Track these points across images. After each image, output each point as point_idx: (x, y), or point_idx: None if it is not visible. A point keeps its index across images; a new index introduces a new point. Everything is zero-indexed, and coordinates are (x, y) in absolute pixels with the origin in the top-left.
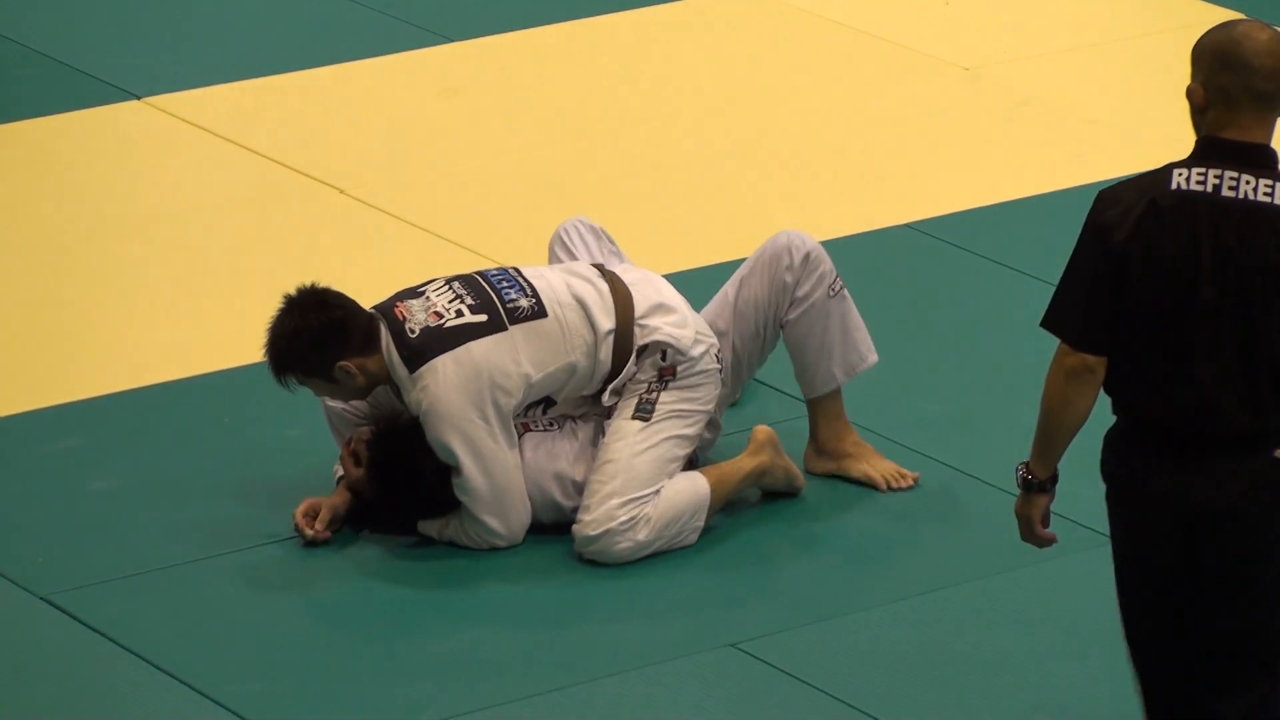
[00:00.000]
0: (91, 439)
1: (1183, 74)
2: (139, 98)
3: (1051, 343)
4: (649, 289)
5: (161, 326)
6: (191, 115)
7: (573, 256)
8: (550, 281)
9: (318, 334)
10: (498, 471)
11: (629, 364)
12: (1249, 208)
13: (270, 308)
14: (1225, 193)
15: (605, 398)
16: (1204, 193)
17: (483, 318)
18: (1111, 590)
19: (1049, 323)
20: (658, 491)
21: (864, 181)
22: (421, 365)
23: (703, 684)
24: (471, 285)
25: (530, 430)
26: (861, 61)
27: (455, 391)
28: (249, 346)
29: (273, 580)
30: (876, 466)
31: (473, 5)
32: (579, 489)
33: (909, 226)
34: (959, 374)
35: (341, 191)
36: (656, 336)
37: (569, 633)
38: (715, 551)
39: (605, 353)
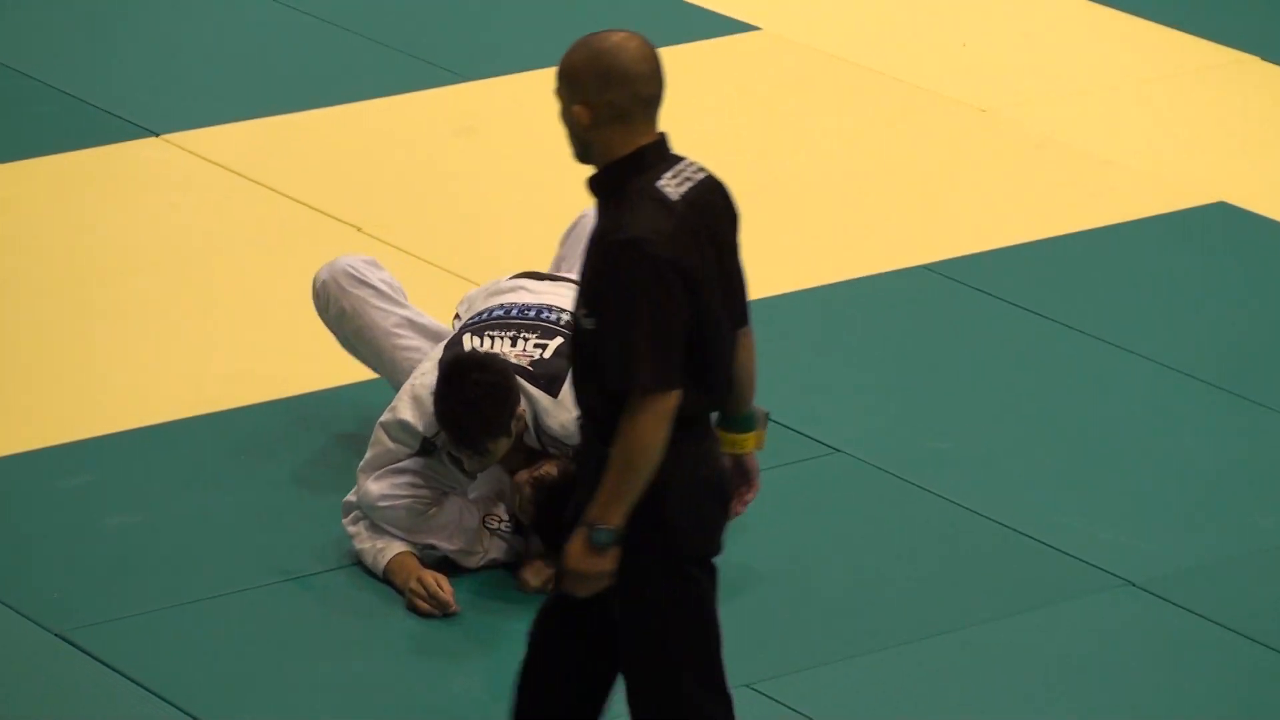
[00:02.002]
0: (107, 475)
1: (1203, 116)
2: (157, 134)
3: (1078, 383)
4: None
5: (177, 362)
6: (209, 152)
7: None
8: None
9: (500, 392)
10: None
11: None
12: (705, 189)
13: (287, 344)
14: (693, 185)
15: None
16: (691, 190)
17: (559, 340)
18: (1128, 631)
19: (657, 385)
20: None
21: (880, 222)
22: (559, 386)
23: None
24: (507, 326)
25: None
26: (878, 102)
27: None
28: (264, 383)
29: (289, 617)
30: None
31: (489, 44)
32: None
33: (925, 268)
34: (974, 414)
35: (359, 229)
36: None
37: None
38: (727, 592)
39: None
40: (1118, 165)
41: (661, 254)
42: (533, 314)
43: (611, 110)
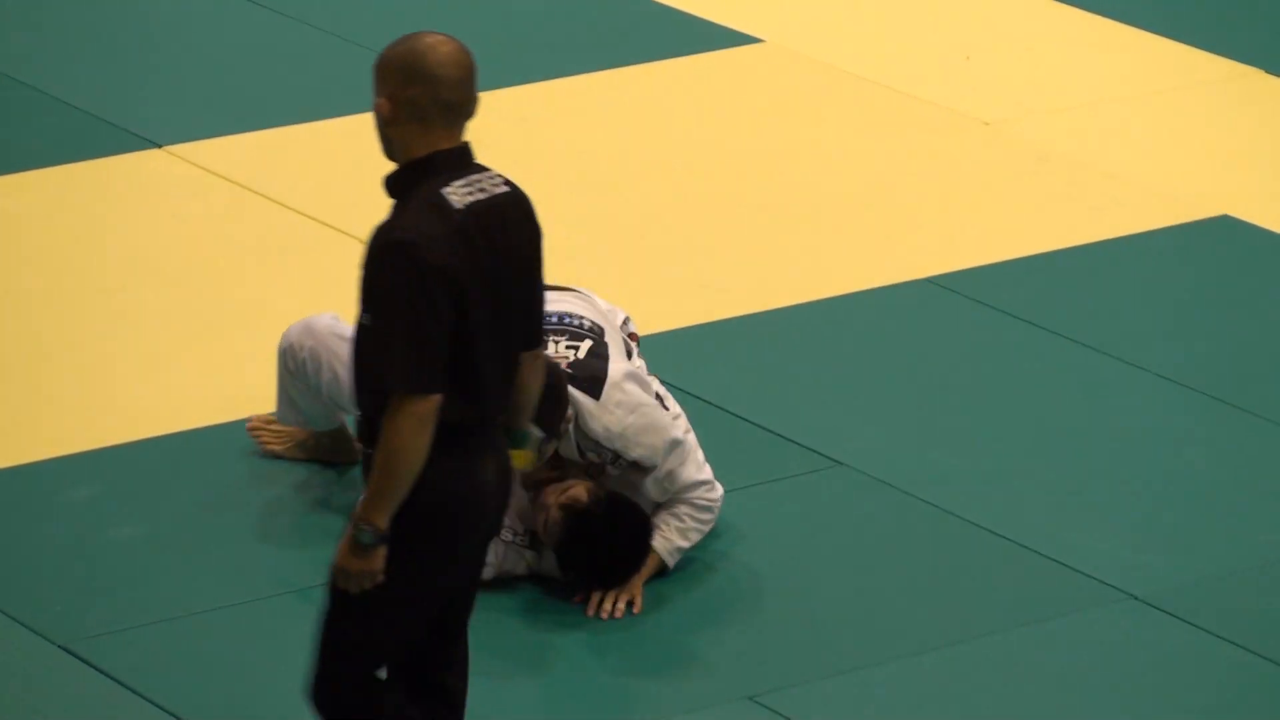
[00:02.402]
0: (110, 487)
1: (1206, 129)
2: (160, 146)
3: (1081, 397)
4: None
5: (182, 375)
6: (213, 164)
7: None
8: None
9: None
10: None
11: None
12: (499, 202)
13: None
14: (486, 196)
15: None
16: (481, 201)
17: (589, 342)
18: (1131, 645)
19: (413, 387)
20: None
21: (883, 236)
22: (600, 387)
23: None
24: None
25: None
26: (881, 116)
27: (640, 396)
28: (269, 396)
29: (291, 629)
30: None
31: (492, 57)
32: None
33: (929, 281)
34: (978, 428)
35: (363, 242)
36: None
37: (585, 684)
38: (731, 605)
39: None
40: (1121, 178)
41: (428, 258)
42: (555, 320)
43: (412, 108)
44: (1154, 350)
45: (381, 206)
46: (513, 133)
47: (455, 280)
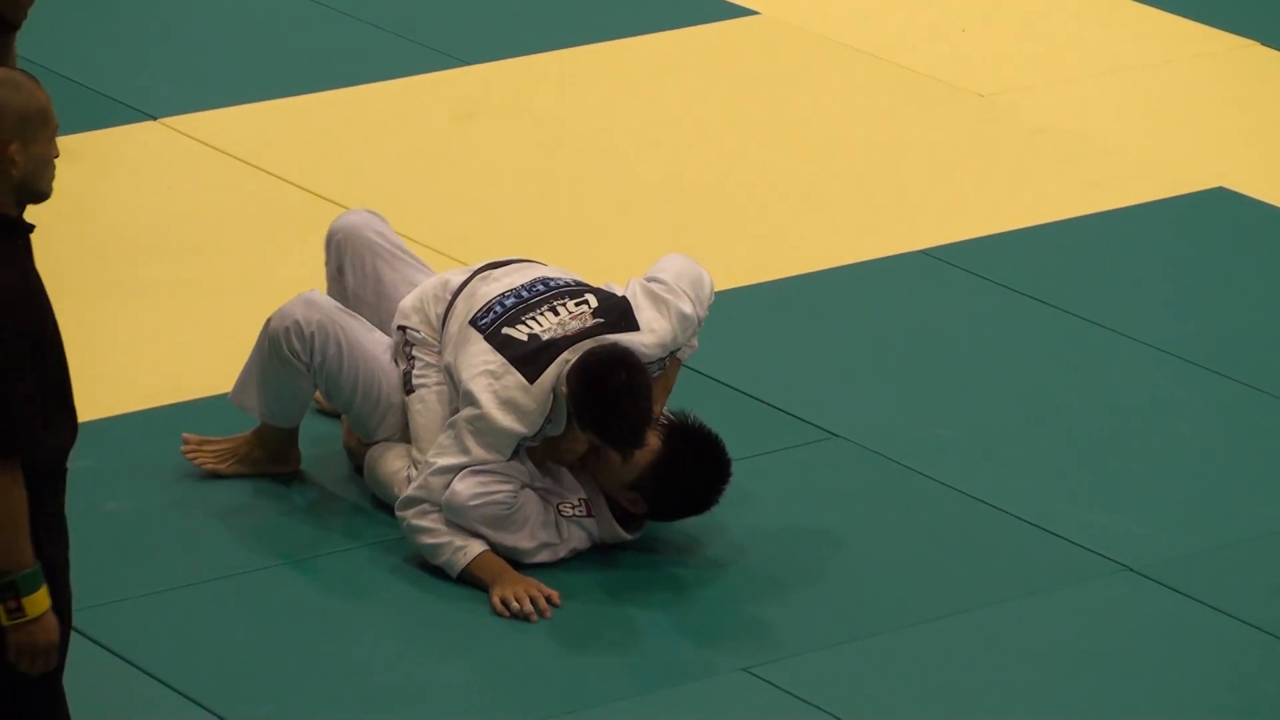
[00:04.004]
0: (104, 460)
1: (1202, 101)
2: (155, 118)
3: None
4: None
5: (175, 348)
6: (207, 137)
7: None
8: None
9: (645, 378)
10: None
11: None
12: None
13: None
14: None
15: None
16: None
17: (589, 294)
18: (1126, 616)
19: (8, 449)
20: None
21: (879, 208)
22: (632, 318)
23: (715, 709)
24: (533, 305)
25: None
26: (876, 87)
27: (646, 288)
28: None
29: (285, 601)
30: None
31: (489, 28)
32: None
33: (924, 253)
34: (973, 400)
35: (367, 209)
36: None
37: (580, 657)
38: (726, 577)
39: None
40: (1116, 151)
41: (13, 321)
42: (541, 288)
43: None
44: (1150, 322)
45: (378, 179)
46: (506, 106)
47: (40, 333)
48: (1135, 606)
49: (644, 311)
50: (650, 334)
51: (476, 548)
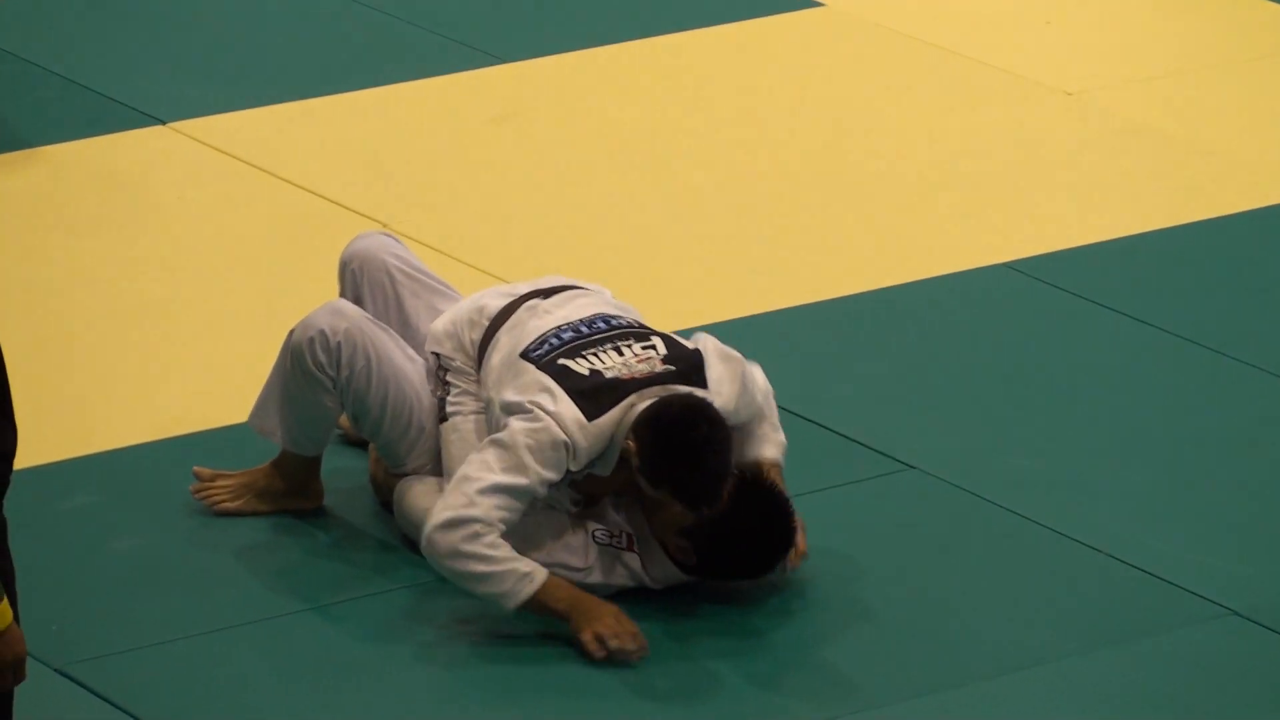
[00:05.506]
0: (110, 495)
1: None
2: (163, 122)
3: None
4: None
5: (187, 372)
6: (221, 142)
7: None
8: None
9: (725, 431)
10: None
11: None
12: None
13: None
14: None
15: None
16: None
17: (656, 338)
18: (1230, 665)
19: None
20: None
21: (956, 217)
22: (703, 374)
23: None
24: (592, 343)
25: None
26: (952, 85)
27: (718, 346)
28: None
29: (307, 651)
30: None
31: (529, 22)
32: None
33: (1007, 266)
34: (1061, 428)
35: (384, 226)
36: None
37: (640, 712)
38: (796, 622)
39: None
40: (1218, 152)
41: None
42: (603, 326)
43: None
44: (1256, 341)
45: (406, 187)
46: (551, 104)
47: None
48: (1240, 654)
49: (714, 369)
50: (718, 396)
51: (543, 572)
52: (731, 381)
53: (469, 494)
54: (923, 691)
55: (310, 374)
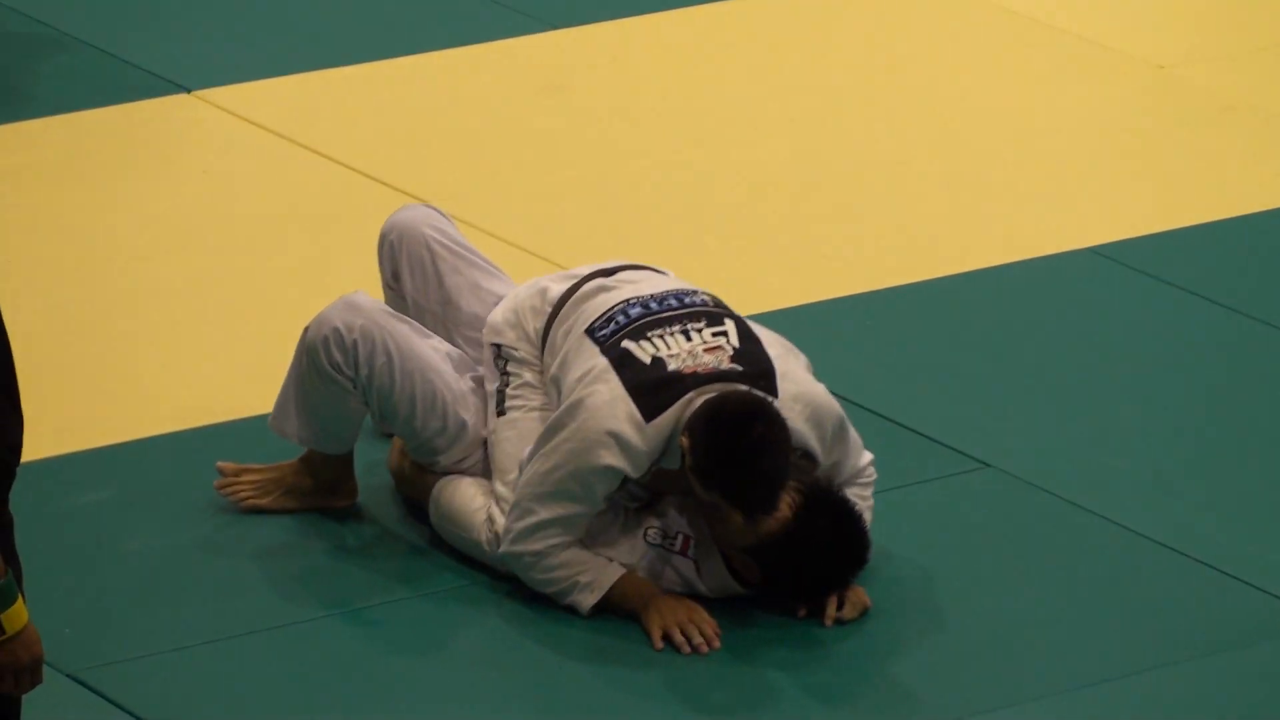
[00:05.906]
0: (125, 492)
1: None
2: (189, 90)
3: (1270, 387)
4: None
5: (211, 358)
6: (249, 111)
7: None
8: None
9: (783, 433)
10: None
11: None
12: None
13: None
14: None
15: None
16: None
17: (731, 321)
18: None
19: None
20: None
21: (1039, 198)
22: (774, 382)
23: None
24: (661, 322)
25: None
26: (1038, 58)
27: (805, 377)
28: None
29: (335, 658)
30: None
31: None
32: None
33: (1093, 250)
34: (1149, 424)
35: (425, 203)
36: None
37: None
38: (864, 630)
39: None
40: None
41: None
42: (674, 304)
43: None
44: None
45: (448, 161)
46: (602, 75)
47: None
48: None
49: (786, 379)
50: (787, 411)
51: (613, 571)
52: (801, 413)
53: (525, 528)
54: (996, 705)
55: (327, 375)
